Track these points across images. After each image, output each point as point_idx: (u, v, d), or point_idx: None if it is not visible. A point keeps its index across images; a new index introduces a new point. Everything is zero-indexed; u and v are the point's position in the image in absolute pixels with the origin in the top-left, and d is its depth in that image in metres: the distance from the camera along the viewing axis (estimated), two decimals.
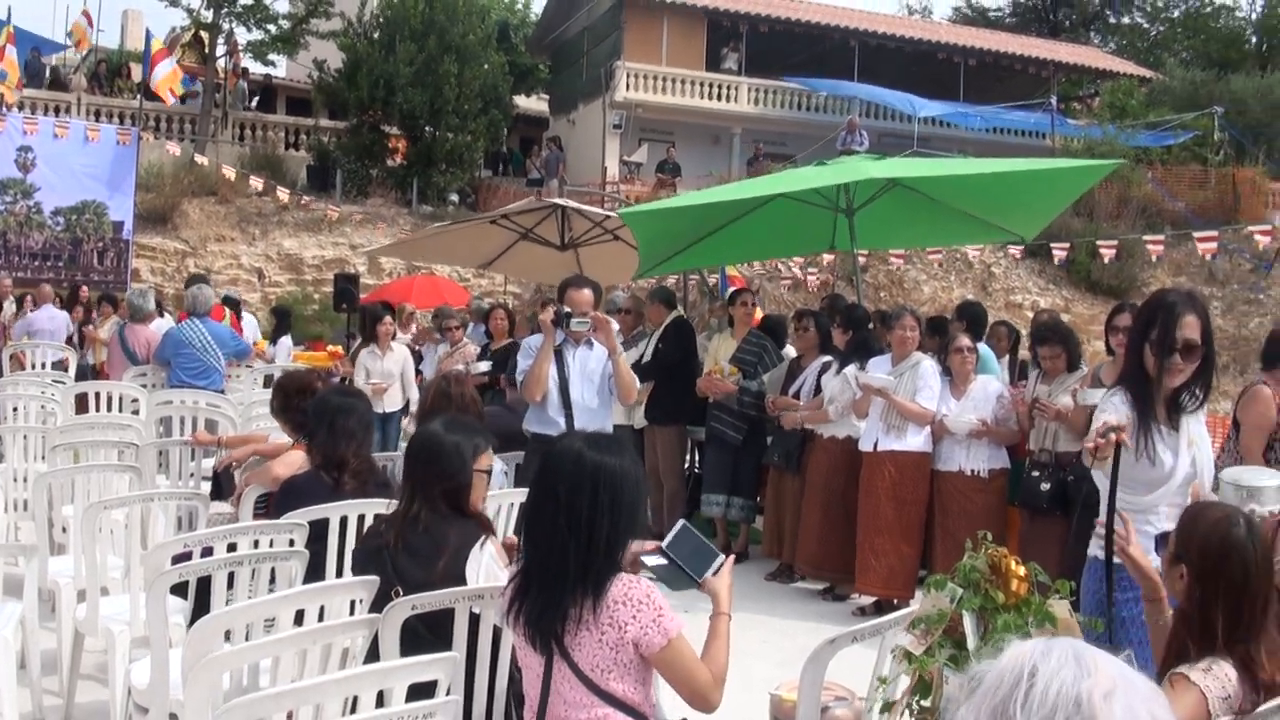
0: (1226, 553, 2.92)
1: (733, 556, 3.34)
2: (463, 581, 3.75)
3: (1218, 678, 2.76)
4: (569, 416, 6.66)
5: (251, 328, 15.61)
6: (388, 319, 10.81)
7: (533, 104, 36.08)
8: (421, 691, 3.10)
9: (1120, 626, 3.91)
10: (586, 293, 6.86)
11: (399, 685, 3.08)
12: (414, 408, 10.24)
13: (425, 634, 3.51)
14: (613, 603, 3.04)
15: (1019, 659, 1.53)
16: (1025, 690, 1.48)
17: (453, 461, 3.95)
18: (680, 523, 3.48)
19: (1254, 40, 49.13)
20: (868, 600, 7.68)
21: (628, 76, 30.09)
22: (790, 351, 9.30)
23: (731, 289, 11.30)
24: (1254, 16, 50.13)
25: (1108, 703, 1.45)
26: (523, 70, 33.70)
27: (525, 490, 3.84)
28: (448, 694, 3.11)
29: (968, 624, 2.61)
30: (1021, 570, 2.68)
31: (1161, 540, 3.23)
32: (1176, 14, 51.60)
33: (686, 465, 9.90)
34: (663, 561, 3.34)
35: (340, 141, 26.70)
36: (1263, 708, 2.84)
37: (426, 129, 25.79)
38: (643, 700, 3.10)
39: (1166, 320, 4.03)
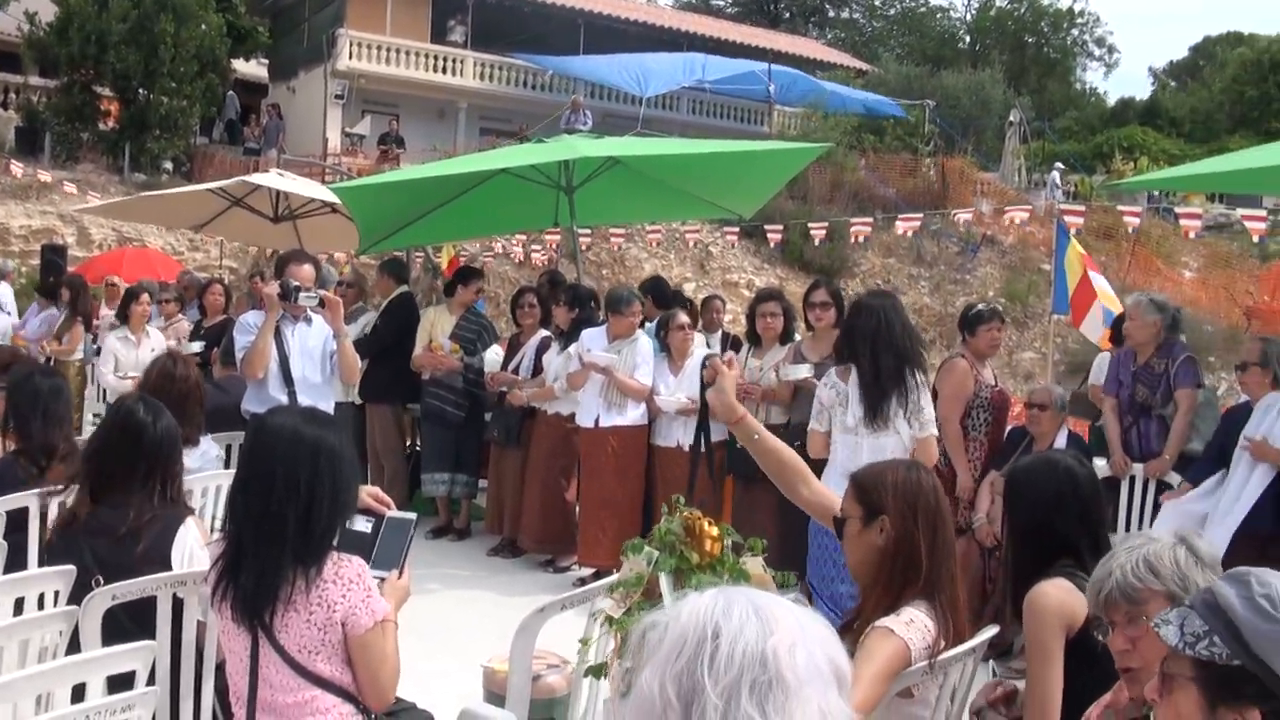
0: (918, 486, 3.09)
1: (398, 573, 3.28)
2: (168, 565, 3.62)
3: (918, 629, 2.91)
4: (291, 394, 6.45)
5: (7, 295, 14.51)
6: (145, 297, 9.70)
7: (252, 69, 34.74)
8: (126, 684, 2.98)
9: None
10: (308, 268, 6.69)
11: (95, 678, 2.96)
12: None
13: (129, 625, 3.38)
14: (322, 581, 2.98)
15: (699, 617, 1.53)
16: (710, 652, 1.48)
17: (167, 447, 3.81)
18: (413, 515, 3.44)
19: (967, 40, 52.26)
20: (588, 571, 7.80)
21: (350, 45, 29.28)
22: None
23: (459, 267, 11.23)
24: (967, 17, 53.37)
25: (792, 656, 1.48)
26: (241, 33, 32.38)
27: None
28: (149, 684, 3.01)
29: (664, 585, 2.69)
30: (714, 531, 2.77)
31: None
32: (893, 11, 54.36)
33: (407, 444, 9.77)
34: (366, 530, 3.29)
35: (50, 102, 24.97)
36: (955, 650, 3.04)
37: (140, 91, 24.38)
38: (350, 681, 3.05)
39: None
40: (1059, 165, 31.68)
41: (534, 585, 7.60)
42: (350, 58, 29.23)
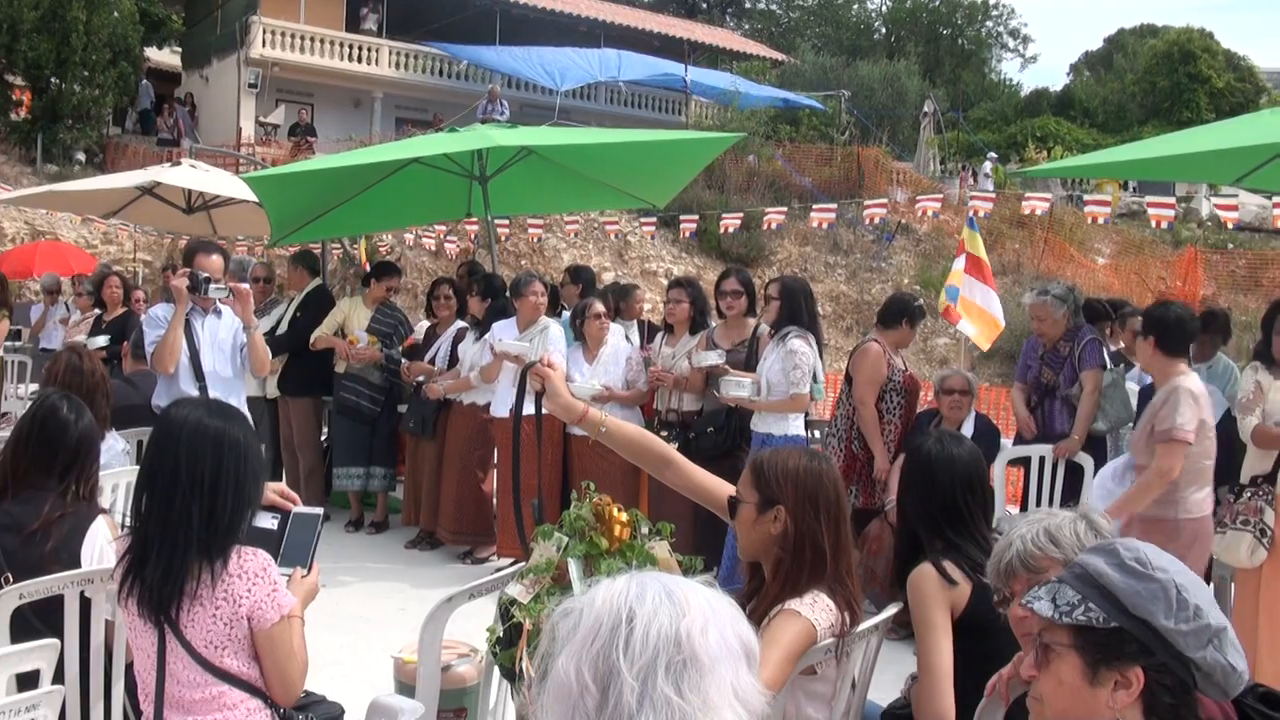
0: (820, 480, 3.10)
1: (304, 570, 3.26)
2: (77, 564, 3.57)
3: (822, 609, 2.94)
4: (202, 388, 6.34)
5: None
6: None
7: (165, 57, 34.16)
8: (35, 683, 2.94)
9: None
10: (216, 259, 6.59)
11: None
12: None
13: (38, 624, 3.33)
14: (228, 575, 2.95)
15: (614, 602, 1.57)
16: (625, 636, 1.53)
17: (86, 445, 3.76)
18: (320, 510, 3.42)
19: (883, 31, 52.79)
20: (507, 561, 7.78)
21: (264, 33, 28.88)
22: None
23: (378, 261, 11.16)
24: (883, 9, 53.89)
25: (704, 637, 1.54)
26: (154, 20, 31.78)
27: None
28: (56, 683, 2.97)
29: (573, 570, 2.70)
30: (624, 516, 2.79)
31: None
32: (809, 2, 54.81)
33: (323, 437, 9.68)
34: (272, 526, 3.27)
35: None
36: (859, 627, 3.10)
37: (52, 80, 23.90)
38: (258, 676, 3.03)
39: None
40: (992, 155, 32.26)
41: (451, 577, 7.57)
42: (264, 46, 28.83)
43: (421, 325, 9.28)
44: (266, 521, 3.26)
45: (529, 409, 7.38)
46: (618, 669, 1.51)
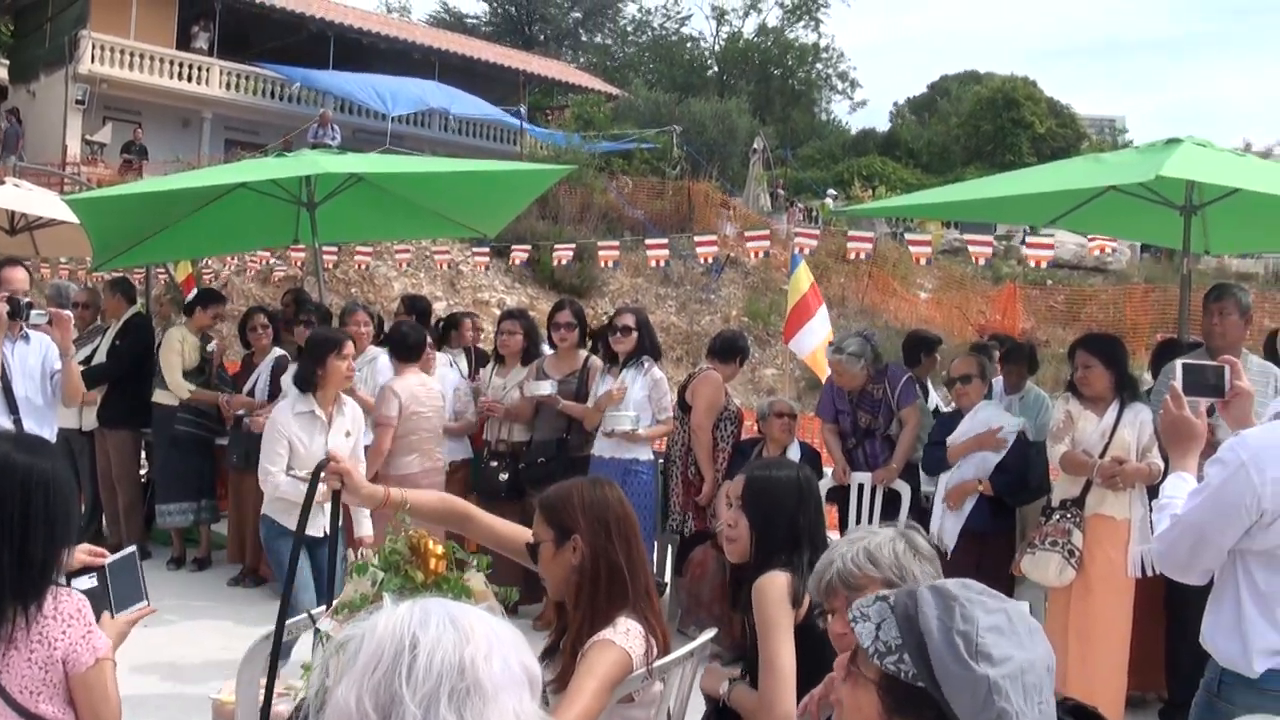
0: (606, 502, 3.15)
1: (146, 603, 3.21)
2: None
3: (634, 637, 2.97)
4: (17, 420, 6.05)
5: None
6: (349, 347, 6.38)
7: None
8: None
9: None
10: (20, 272, 6.32)
11: None
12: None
13: None
14: (42, 618, 2.86)
15: (396, 629, 1.57)
16: (409, 663, 1.53)
17: None
18: (132, 549, 3.34)
19: (715, 69, 53.80)
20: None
21: (93, 47, 28.00)
22: None
23: (201, 288, 10.92)
24: (716, 48, 54.93)
25: (488, 663, 1.55)
26: None
27: None
28: None
29: (388, 605, 2.69)
30: (440, 549, 2.80)
31: None
32: (644, 39, 55.58)
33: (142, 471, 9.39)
34: (93, 584, 3.18)
35: None
36: (677, 654, 3.15)
37: None
38: None
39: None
40: (831, 192, 33.12)
41: (276, 614, 7.40)
42: (93, 61, 27.98)
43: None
44: (85, 583, 3.17)
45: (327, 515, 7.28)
46: (400, 697, 1.51)
